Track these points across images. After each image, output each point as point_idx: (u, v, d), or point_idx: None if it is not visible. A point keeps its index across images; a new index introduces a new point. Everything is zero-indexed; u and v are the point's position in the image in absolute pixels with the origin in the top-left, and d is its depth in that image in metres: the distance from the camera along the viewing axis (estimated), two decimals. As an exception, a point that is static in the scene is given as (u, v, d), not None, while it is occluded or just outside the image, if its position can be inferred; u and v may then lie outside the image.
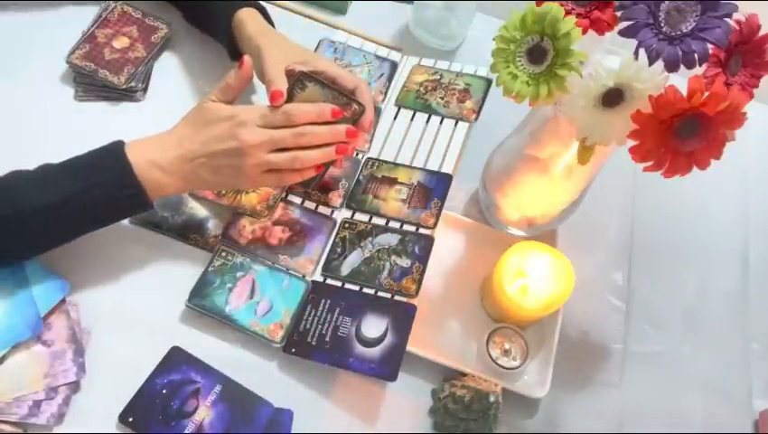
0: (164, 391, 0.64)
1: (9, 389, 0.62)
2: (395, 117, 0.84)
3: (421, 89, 0.85)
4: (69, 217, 0.63)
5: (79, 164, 0.64)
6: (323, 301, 0.70)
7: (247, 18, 0.76)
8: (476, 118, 0.82)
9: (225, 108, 0.67)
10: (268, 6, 0.82)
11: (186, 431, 0.62)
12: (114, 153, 0.64)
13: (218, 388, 0.65)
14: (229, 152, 0.64)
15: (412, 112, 0.83)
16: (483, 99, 0.83)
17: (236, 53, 0.79)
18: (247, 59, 0.69)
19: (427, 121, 0.82)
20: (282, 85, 0.68)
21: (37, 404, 0.62)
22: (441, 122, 0.82)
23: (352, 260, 0.73)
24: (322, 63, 0.72)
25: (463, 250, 0.79)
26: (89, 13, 0.84)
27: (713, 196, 0.89)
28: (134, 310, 0.69)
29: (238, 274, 0.71)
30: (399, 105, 0.84)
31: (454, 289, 0.76)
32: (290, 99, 0.69)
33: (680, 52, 0.50)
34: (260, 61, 0.72)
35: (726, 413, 0.75)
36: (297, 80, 0.69)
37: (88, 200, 0.62)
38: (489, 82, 0.85)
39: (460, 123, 0.81)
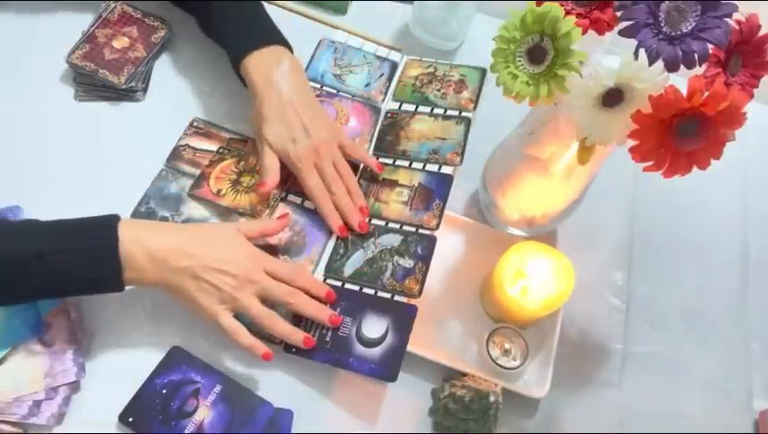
0: (164, 391, 0.64)
1: (9, 389, 0.62)
2: (399, 109, 0.84)
3: (417, 82, 0.85)
4: (37, 274, 0.59)
5: (66, 224, 0.61)
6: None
7: (253, 67, 0.74)
8: (474, 108, 0.82)
9: (248, 247, 0.67)
10: (268, 7, 0.82)
11: (186, 431, 0.62)
12: (106, 223, 0.61)
13: (218, 388, 0.65)
14: (226, 275, 0.63)
15: (414, 106, 0.83)
16: (480, 89, 0.84)
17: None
18: (286, 219, 0.72)
19: (430, 114, 0.82)
20: (275, 177, 0.72)
21: (37, 404, 0.62)
22: (441, 120, 0.82)
23: (355, 261, 0.72)
24: (347, 143, 0.76)
25: (463, 250, 0.79)
26: (89, 13, 0.84)
27: (713, 196, 0.88)
28: (134, 310, 0.69)
29: (239, 274, 0.71)
30: (399, 100, 0.84)
31: (454, 289, 0.76)
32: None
33: (680, 52, 0.50)
34: (256, 120, 0.74)
35: (726, 413, 0.75)
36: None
37: (62, 260, 0.59)
38: (483, 71, 0.85)
39: (462, 116, 0.81)
